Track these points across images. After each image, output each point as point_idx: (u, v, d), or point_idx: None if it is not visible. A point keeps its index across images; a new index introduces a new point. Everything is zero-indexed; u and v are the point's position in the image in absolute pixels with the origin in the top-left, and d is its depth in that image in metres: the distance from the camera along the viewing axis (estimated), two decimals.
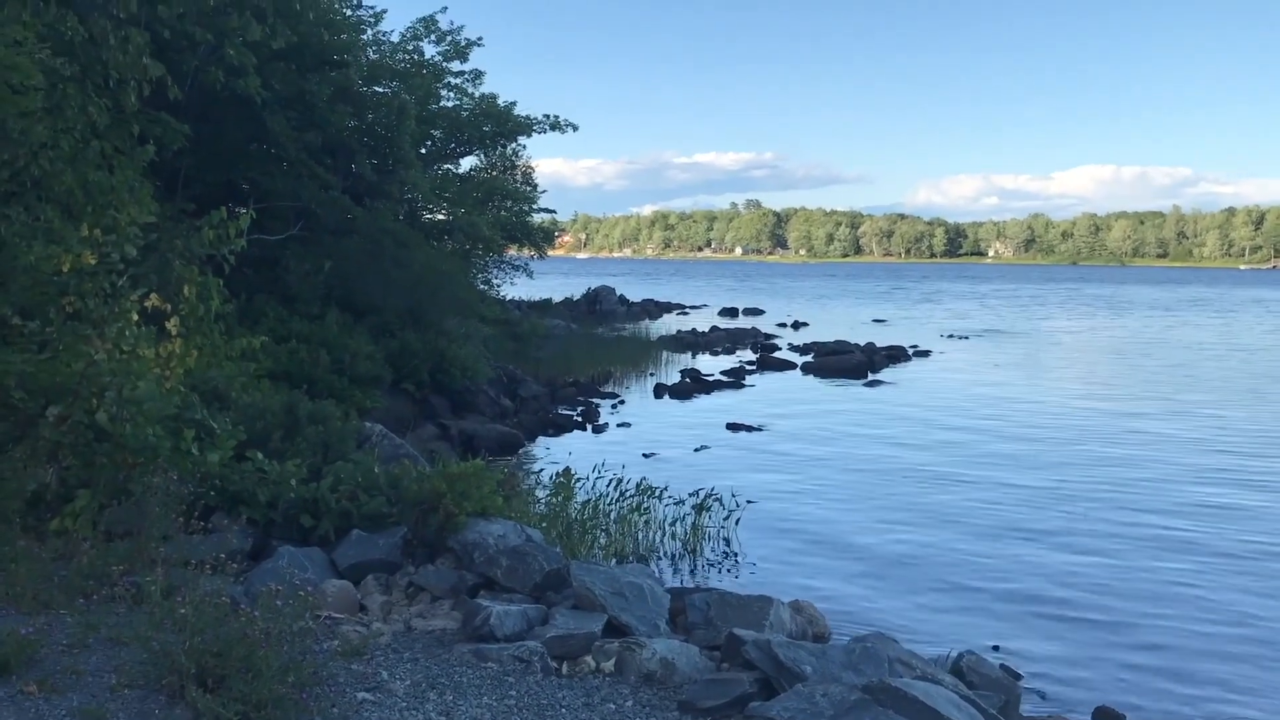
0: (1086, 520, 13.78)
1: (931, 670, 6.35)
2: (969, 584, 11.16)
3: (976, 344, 43.17)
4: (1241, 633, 9.75)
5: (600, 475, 13.24)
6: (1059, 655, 9.18)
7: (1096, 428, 21.33)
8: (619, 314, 53.15)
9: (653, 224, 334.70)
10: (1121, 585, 11.10)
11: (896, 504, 14.66)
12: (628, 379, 28.67)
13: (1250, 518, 13.99)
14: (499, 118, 26.20)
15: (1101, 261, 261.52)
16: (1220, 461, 17.89)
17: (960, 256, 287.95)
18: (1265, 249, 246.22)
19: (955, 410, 23.75)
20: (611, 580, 7.10)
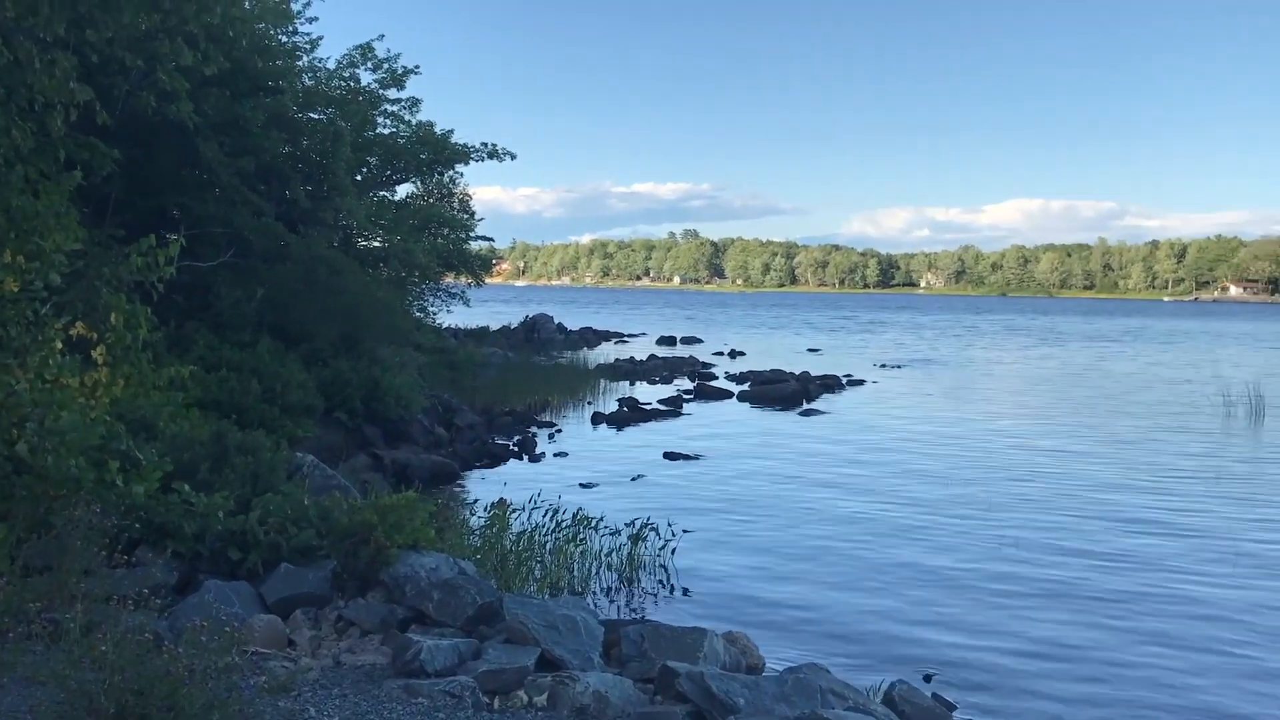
0: (1017, 549, 13.97)
1: (864, 701, 6.38)
2: (902, 614, 11.24)
3: (909, 373, 43.73)
4: (1174, 658, 9.92)
5: (536, 505, 13.16)
6: (992, 685, 9.26)
7: (1028, 456, 21.68)
8: (557, 342, 53.06)
9: (591, 252, 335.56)
10: (1055, 616, 11.24)
11: (830, 534, 14.75)
12: (565, 408, 28.61)
13: (1177, 545, 14.25)
14: (436, 145, 26.16)
15: (1030, 293, 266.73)
16: (1144, 493, 18.23)
17: (893, 287, 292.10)
18: (1188, 281, 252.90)
19: (888, 439, 24.01)
20: (545, 613, 7.05)
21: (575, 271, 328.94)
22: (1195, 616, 11.22)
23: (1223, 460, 21.67)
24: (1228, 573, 12.91)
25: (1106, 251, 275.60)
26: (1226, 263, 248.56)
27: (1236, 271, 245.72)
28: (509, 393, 27.48)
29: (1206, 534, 14.92)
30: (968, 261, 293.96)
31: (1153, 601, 11.73)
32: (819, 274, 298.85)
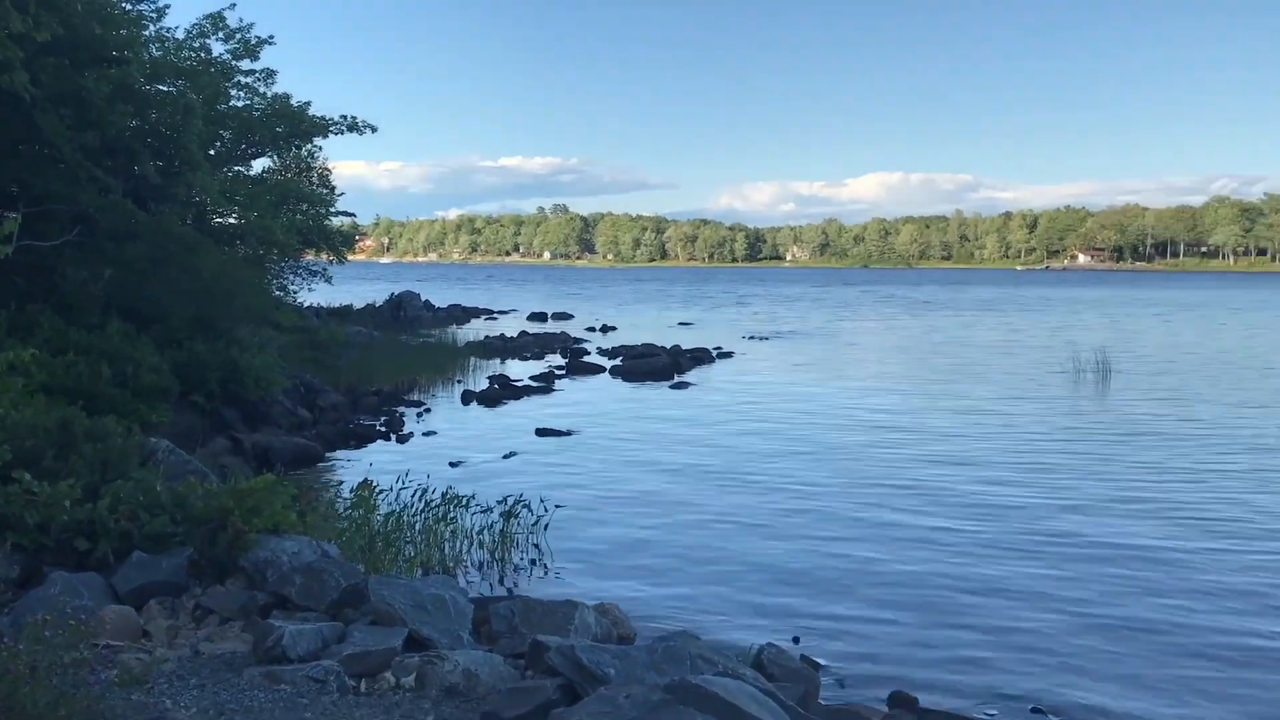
0: (879, 511, 14.34)
1: (733, 665, 6.45)
2: (771, 578, 11.43)
3: (777, 345, 44.48)
4: (1029, 612, 10.29)
5: (405, 486, 12.94)
6: (857, 643, 9.49)
7: (890, 421, 22.27)
8: (424, 320, 52.27)
9: (459, 228, 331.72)
10: (913, 573, 11.58)
11: (701, 503, 14.90)
12: (434, 386, 28.22)
13: (1032, 505, 14.81)
14: (293, 118, 25.32)
15: (891, 264, 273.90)
16: (1004, 452, 18.91)
17: (760, 261, 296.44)
18: (1039, 251, 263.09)
19: (756, 408, 24.39)
20: (412, 593, 6.93)
21: (442, 248, 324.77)
22: (1046, 566, 11.67)
23: (1072, 421, 22.62)
24: (1079, 519, 13.48)
25: (963, 223, 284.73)
26: (1075, 232, 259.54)
27: (1084, 241, 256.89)
28: (375, 372, 26.95)
29: (1059, 489, 15.55)
30: (831, 235, 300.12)
31: (1008, 554, 12.17)
32: (689, 248, 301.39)
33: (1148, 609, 10.32)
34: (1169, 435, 20.63)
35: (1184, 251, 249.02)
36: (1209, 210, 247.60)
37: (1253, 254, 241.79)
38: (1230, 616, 10.17)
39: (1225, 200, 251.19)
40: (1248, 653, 9.23)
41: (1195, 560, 12.03)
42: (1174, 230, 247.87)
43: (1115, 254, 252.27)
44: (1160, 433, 20.95)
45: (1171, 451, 18.84)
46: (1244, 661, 9.05)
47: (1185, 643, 9.49)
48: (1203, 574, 11.51)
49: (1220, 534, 13.15)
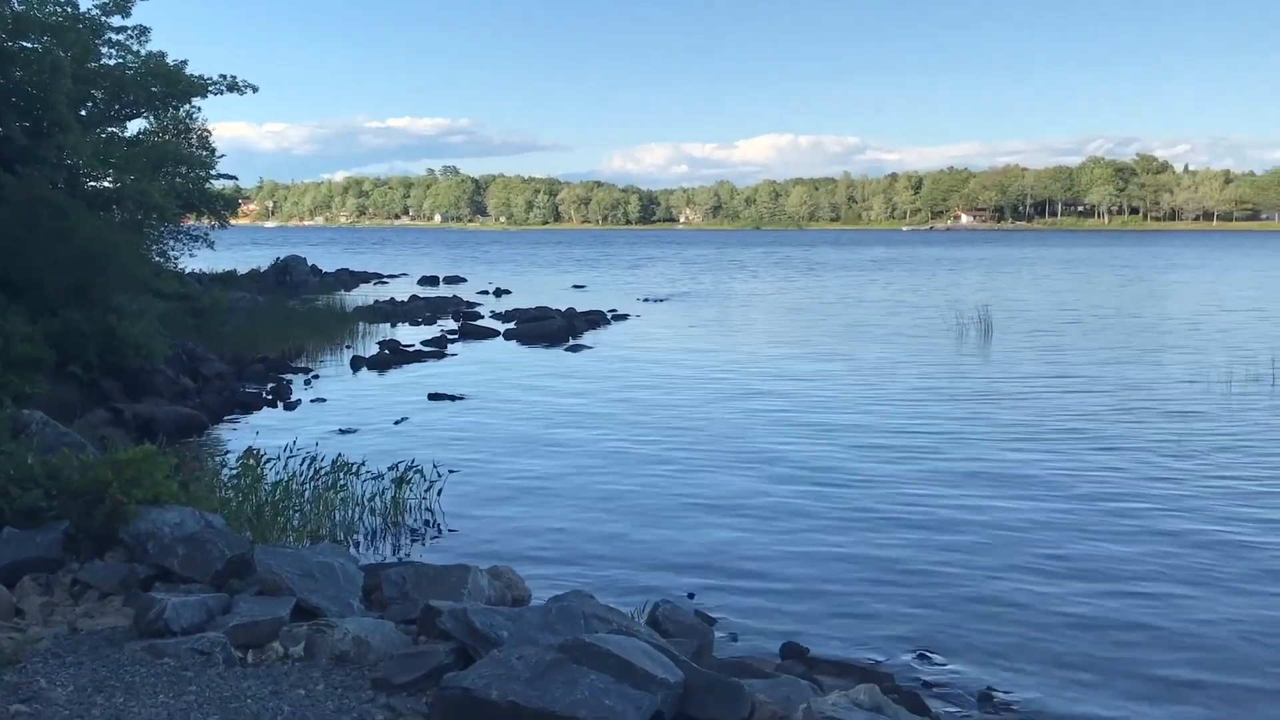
0: (771, 467, 14.56)
1: (628, 623, 6.49)
2: (666, 535, 11.53)
3: (672, 307, 44.69)
4: (911, 566, 10.57)
5: (293, 454, 12.69)
6: (751, 599, 9.64)
7: (780, 382, 22.59)
8: (311, 285, 51.16)
9: (346, 191, 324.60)
10: (803, 532, 11.79)
11: (595, 465, 14.94)
12: (322, 353, 27.68)
13: (915, 464, 15.20)
14: (169, 77, 24.41)
15: (782, 226, 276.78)
16: (891, 413, 19.33)
17: (654, 223, 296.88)
18: (924, 211, 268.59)
19: (651, 371, 24.50)
20: (299, 562, 6.80)
21: (329, 211, 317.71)
22: (926, 525, 11.99)
23: (955, 379, 23.25)
24: (960, 478, 13.89)
25: (850, 185, 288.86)
26: (958, 193, 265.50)
27: (967, 201, 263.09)
28: (260, 339, 26.33)
29: (940, 448, 15.98)
30: (723, 197, 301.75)
31: (891, 512, 12.46)
32: (582, 211, 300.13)
33: (1020, 563, 10.65)
34: (1047, 390, 21.34)
35: (1061, 211, 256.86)
36: (1085, 170, 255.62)
37: (1125, 213, 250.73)
38: (1093, 570, 10.59)
39: (1100, 161, 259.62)
40: (1112, 611, 9.62)
41: (1064, 518, 12.49)
42: (1052, 190, 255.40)
43: (997, 214, 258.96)
44: (1038, 388, 21.66)
45: (1048, 406, 19.50)
46: (1109, 623, 9.41)
47: (1052, 594, 9.86)
48: (1072, 531, 11.95)
49: (1092, 490, 13.66)
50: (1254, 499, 12.83)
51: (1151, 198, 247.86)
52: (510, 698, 4.92)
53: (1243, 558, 10.65)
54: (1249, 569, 10.32)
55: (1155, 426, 17.28)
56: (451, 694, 5.06)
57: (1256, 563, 10.50)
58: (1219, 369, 23.38)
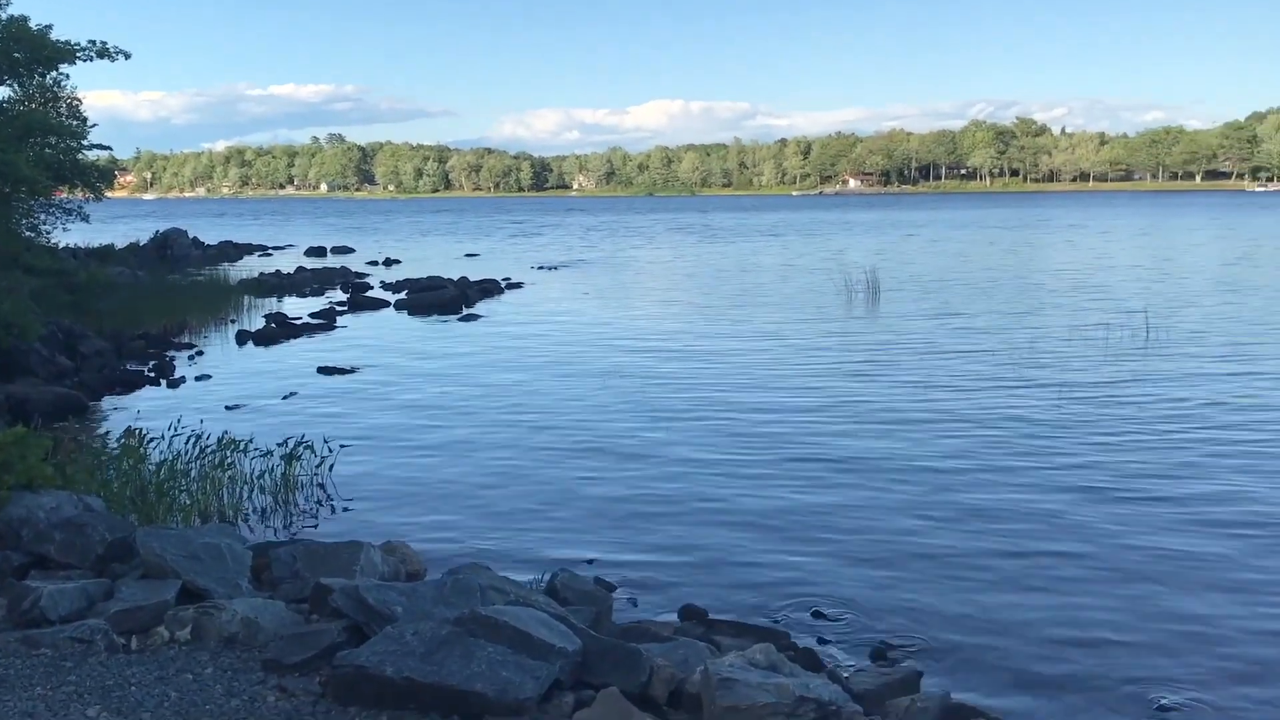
0: (667, 433, 14.63)
1: (525, 593, 6.46)
2: (565, 506, 11.50)
3: (567, 274, 44.51)
4: (807, 528, 10.74)
5: (178, 433, 12.31)
6: (650, 564, 9.68)
7: (674, 347, 22.70)
8: (193, 258, 49.59)
9: (228, 160, 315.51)
10: (702, 493, 11.88)
11: (490, 434, 14.82)
12: (206, 328, 26.90)
13: (808, 421, 15.42)
14: (32, 43, 23.26)
15: (675, 192, 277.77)
16: (784, 375, 19.58)
17: (546, 190, 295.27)
18: (813, 176, 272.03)
19: (545, 339, 24.40)
20: (185, 543, 6.60)
21: (211, 182, 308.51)
22: (822, 482, 12.20)
23: (846, 340, 23.66)
24: (853, 437, 14.16)
25: (741, 150, 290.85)
26: (846, 158, 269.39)
27: (855, 166, 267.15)
28: (141, 315, 25.46)
29: (832, 407, 16.26)
30: (616, 163, 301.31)
31: (788, 472, 12.64)
32: (473, 178, 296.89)
33: (912, 521, 10.90)
34: (932, 349, 21.85)
35: (945, 174, 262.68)
36: (967, 134, 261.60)
37: (1006, 175, 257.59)
38: (987, 521, 10.91)
39: (981, 124, 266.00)
40: (1004, 562, 9.92)
41: (953, 476, 12.82)
42: (936, 154, 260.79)
43: (883, 178, 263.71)
44: (923, 348, 22.16)
45: (934, 365, 19.96)
46: (999, 577, 9.71)
47: (943, 550, 10.12)
48: (960, 487, 12.28)
49: (976, 446, 14.04)
50: (1120, 449, 13.34)
51: (1031, 160, 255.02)
52: (406, 673, 4.86)
53: (1113, 505, 11.07)
54: (1119, 516, 10.73)
55: (1036, 382, 17.81)
56: (345, 672, 4.98)
57: (1124, 506, 10.93)
58: (1096, 324, 24.22)
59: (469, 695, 4.77)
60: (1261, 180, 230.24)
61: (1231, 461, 12.71)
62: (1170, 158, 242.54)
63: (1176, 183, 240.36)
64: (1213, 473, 12.25)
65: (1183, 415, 15.19)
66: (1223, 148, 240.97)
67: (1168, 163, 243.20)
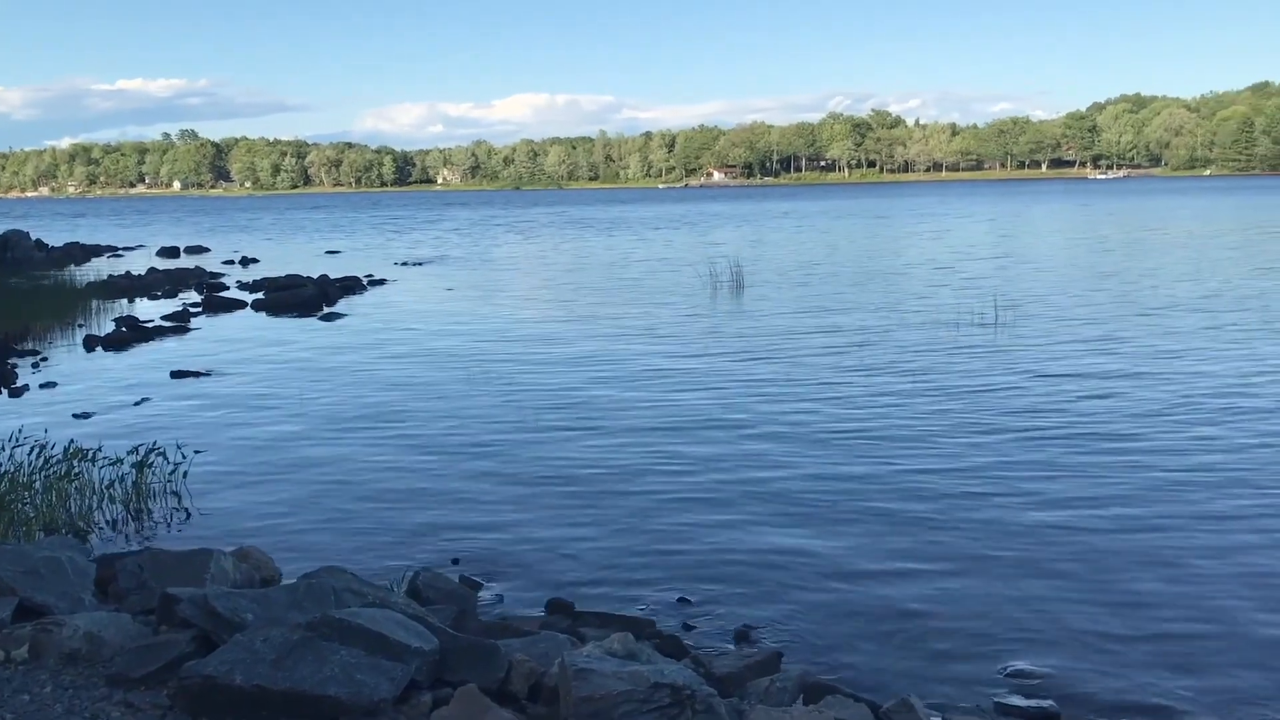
0: (533, 428, 14.61)
1: (384, 594, 6.39)
2: (428, 504, 11.38)
3: (431, 270, 43.98)
4: (671, 516, 10.87)
5: (19, 443, 11.76)
6: (516, 560, 9.67)
7: (541, 342, 22.68)
8: (36, 261, 47.36)
9: (73, 158, 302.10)
10: (570, 485, 11.91)
11: (351, 435, 14.57)
12: (51, 333, 25.70)
13: (670, 413, 15.60)
14: None
15: (541, 186, 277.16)
16: (646, 366, 19.75)
17: (410, 185, 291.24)
18: (678, 169, 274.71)
19: (408, 337, 24.10)
20: (21, 559, 6.33)
21: (55, 181, 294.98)
22: (685, 474, 12.37)
23: (711, 332, 24.00)
24: (718, 420, 14.39)
25: (607, 144, 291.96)
26: (710, 150, 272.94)
27: (719, 158, 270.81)
28: None
29: (692, 404, 16.50)
30: (481, 157, 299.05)
31: (649, 463, 12.75)
32: (333, 173, 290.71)
33: (778, 507, 11.15)
34: (792, 341, 22.33)
35: (806, 165, 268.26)
36: (825, 126, 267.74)
37: (864, 166, 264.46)
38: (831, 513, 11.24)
39: (839, 117, 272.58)
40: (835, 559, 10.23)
41: (808, 463, 13.15)
42: (796, 146, 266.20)
43: (746, 170, 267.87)
44: (784, 339, 22.64)
45: (794, 356, 20.41)
46: (853, 563, 10.02)
47: (802, 536, 10.39)
48: (814, 475, 12.61)
49: (830, 435, 14.43)
50: (974, 433, 13.88)
51: (887, 151, 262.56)
52: (256, 681, 4.77)
53: (969, 485, 11.52)
54: (975, 497, 11.18)
55: (889, 371, 18.35)
56: (192, 683, 4.86)
57: (980, 486, 11.39)
58: (949, 312, 25.10)
59: (322, 700, 4.72)
60: (1102, 168, 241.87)
61: (1077, 438, 13.35)
62: (1017, 147, 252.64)
63: (1024, 171, 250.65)
64: (1057, 451, 12.85)
65: (1029, 397, 15.87)
66: (1066, 137, 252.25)
67: (1015, 152, 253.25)
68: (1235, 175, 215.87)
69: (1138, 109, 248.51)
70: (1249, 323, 22.80)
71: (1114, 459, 12.35)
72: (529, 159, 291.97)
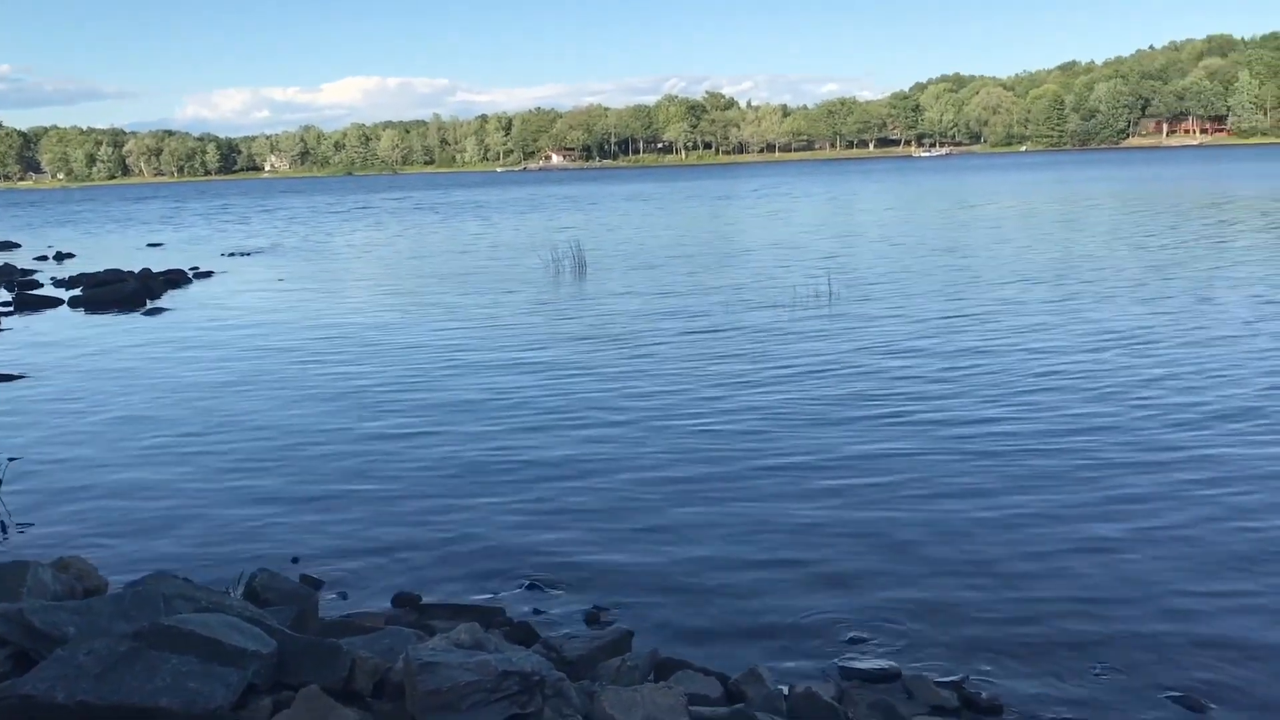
0: (372, 419, 14.30)
1: (218, 598, 6.15)
2: (263, 502, 11.00)
3: (261, 261, 42.54)
4: (514, 500, 10.79)
5: None
6: (359, 555, 9.45)
7: (377, 332, 22.23)
8: None
9: None
10: (408, 476, 11.70)
11: (180, 435, 13.95)
12: None
13: (515, 400, 15.50)
14: None
15: (375, 171, 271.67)
16: (487, 353, 19.57)
17: (236, 173, 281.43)
18: (516, 152, 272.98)
19: (237, 331, 23.27)
20: None
21: None
22: (534, 461, 12.31)
23: (554, 315, 23.95)
24: (560, 403, 14.36)
25: (442, 127, 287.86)
26: (547, 133, 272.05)
27: (556, 141, 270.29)
28: None
29: (535, 391, 16.44)
30: (310, 142, 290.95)
31: (492, 451, 12.64)
32: (154, 163, 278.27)
33: (624, 484, 11.22)
34: (634, 322, 22.47)
35: (643, 148, 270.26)
36: (661, 109, 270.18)
37: (700, 148, 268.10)
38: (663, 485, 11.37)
39: (675, 99, 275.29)
40: None
41: (662, 435, 13.28)
42: (633, 128, 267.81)
43: (585, 153, 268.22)
44: (625, 321, 22.76)
45: (634, 337, 20.56)
46: (700, 537, 10.15)
47: (650, 512, 10.48)
48: (667, 447, 12.75)
49: (682, 408, 14.60)
50: (818, 406, 14.26)
51: (721, 133, 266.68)
52: (80, 697, 4.51)
53: (805, 461, 11.82)
54: (810, 470, 11.47)
55: (731, 356, 18.62)
56: (10, 704, 4.57)
57: (818, 461, 11.70)
58: (790, 292, 25.66)
59: (153, 712, 4.50)
60: (926, 146, 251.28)
61: (911, 413, 13.85)
62: (846, 127, 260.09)
63: (852, 150, 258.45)
64: (895, 428, 13.30)
65: (868, 374, 16.36)
66: (891, 117, 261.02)
67: (844, 132, 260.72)
68: (1048, 151, 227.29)
69: (958, 88, 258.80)
70: (1083, 292, 24.04)
71: (950, 431, 12.86)
72: (361, 144, 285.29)
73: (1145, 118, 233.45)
